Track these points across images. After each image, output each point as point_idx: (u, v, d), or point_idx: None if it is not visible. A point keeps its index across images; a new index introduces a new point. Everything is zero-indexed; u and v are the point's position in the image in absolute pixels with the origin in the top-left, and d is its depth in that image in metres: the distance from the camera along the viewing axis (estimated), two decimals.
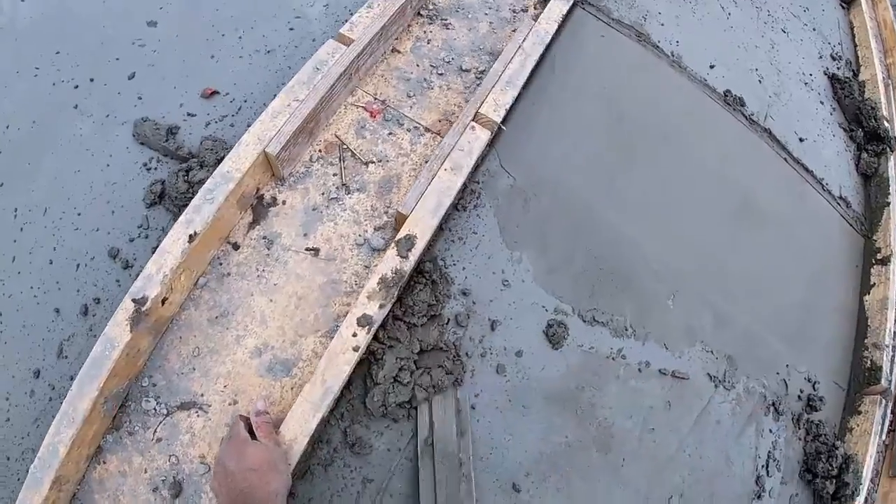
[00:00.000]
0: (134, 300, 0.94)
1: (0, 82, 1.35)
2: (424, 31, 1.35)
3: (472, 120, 1.14)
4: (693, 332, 1.27)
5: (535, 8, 1.44)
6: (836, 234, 1.58)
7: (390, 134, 1.21)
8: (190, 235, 0.97)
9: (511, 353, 1.12)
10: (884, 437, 1.38)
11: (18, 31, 1.39)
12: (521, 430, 1.10)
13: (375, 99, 1.24)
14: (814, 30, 1.84)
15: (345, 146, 1.18)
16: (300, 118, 1.06)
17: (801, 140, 1.60)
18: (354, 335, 0.95)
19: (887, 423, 1.41)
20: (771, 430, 1.33)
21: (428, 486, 1.00)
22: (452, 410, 1.05)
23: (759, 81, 1.59)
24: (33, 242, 1.18)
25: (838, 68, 1.78)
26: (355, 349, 0.94)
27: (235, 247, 1.09)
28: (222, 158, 1.05)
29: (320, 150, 1.18)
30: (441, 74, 1.30)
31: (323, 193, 1.14)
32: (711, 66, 1.53)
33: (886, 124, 1.66)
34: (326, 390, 0.92)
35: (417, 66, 1.30)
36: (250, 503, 0.78)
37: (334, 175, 1.16)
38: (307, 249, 1.10)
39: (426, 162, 1.14)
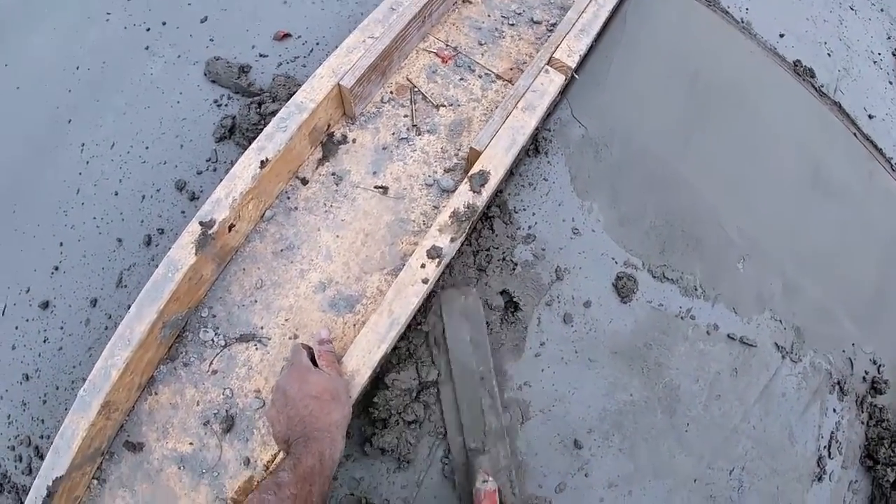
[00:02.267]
0: (201, 223, 0.93)
1: (70, 28, 1.36)
2: None
3: (547, 64, 1.12)
4: (762, 299, 1.23)
5: None
6: None
7: (461, 79, 1.19)
8: (262, 161, 0.96)
9: (579, 304, 1.08)
10: None
11: None
12: (585, 384, 1.06)
13: (447, 45, 1.22)
14: (881, 10, 1.78)
15: (416, 89, 1.16)
16: (374, 54, 1.05)
17: (870, 117, 1.54)
18: (423, 266, 0.92)
19: None
20: (835, 410, 1.28)
21: (450, 405, 0.97)
22: (466, 325, 1.01)
23: (829, 55, 1.54)
24: (99, 175, 1.19)
25: None
26: (424, 281, 0.92)
27: (304, 182, 1.08)
28: (294, 94, 1.04)
29: (391, 92, 1.16)
30: (512, 25, 1.27)
31: (393, 133, 1.13)
32: (781, 35, 1.48)
33: None
34: (393, 321, 0.90)
35: (489, 16, 1.28)
36: (309, 431, 0.75)
37: (405, 116, 1.14)
38: (376, 187, 1.08)
39: (498, 105, 1.12)
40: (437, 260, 0.92)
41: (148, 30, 1.28)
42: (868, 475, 1.31)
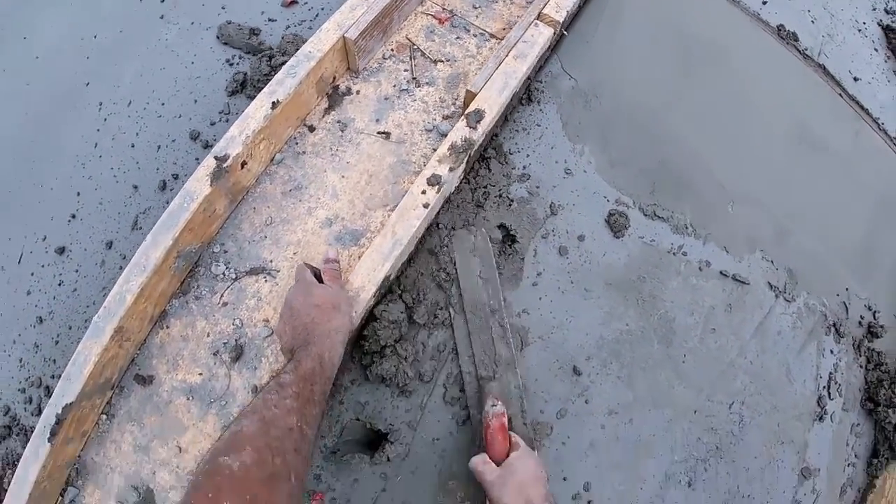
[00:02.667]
0: (216, 157, 0.99)
1: (86, 2, 1.44)
2: None
3: (536, 18, 1.19)
4: (753, 241, 1.27)
5: None
6: (895, 172, 1.55)
7: (457, 38, 1.28)
8: (273, 102, 1.03)
9: (573, 237, 1.13)
10: None
11: None
12: (582, 313, 1.10)
13: (443, 9, 1.31)
14: None
15: (415, 46, 1.24)
16: (376, 10, 1.13)
17: (855, 79, 1.59)
18: (424, 192, 0.99)
19: None
20: (832, 352, 1.30)
21: (463, 337, 1.02)
22: (476, 261, 1.06)
23: (812, 22, 1.61)
24: (116, 129, 1.25)
25: (893, 21, 1.78)
26: (425, 206, 0.98)
27: (311, 129, 1.15)
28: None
29: (392, 50, 1.24)
30: None
31: (394, 86, 1.20)
32: (764, 3, 1.56)
33: None
34: (396, 242, 0.96)
35: None
36: (310, 338, 0.79)
37: (405, 70, 1.22)
38: (379, 133, 1.15)
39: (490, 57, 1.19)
40: (437, 187, 0.99)
41: (162, 1, 1.38)
42: (870, 419, 1.32)
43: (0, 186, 1.28)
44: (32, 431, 1.05)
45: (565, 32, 1.26)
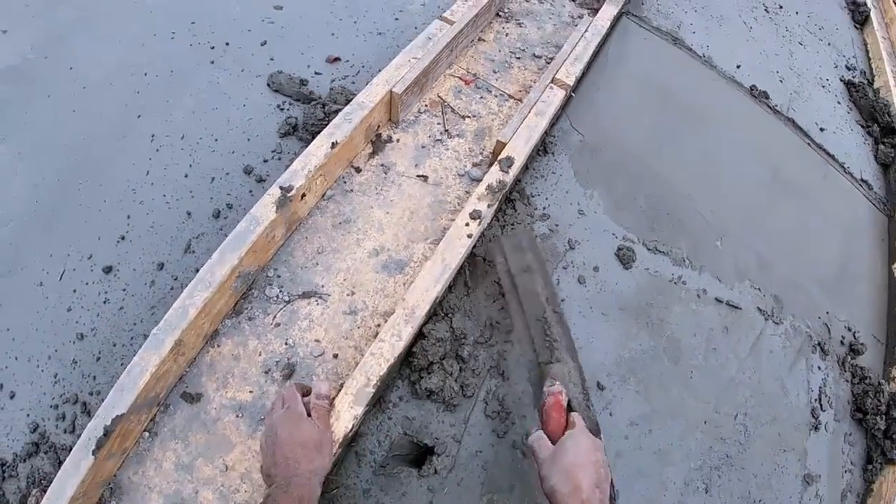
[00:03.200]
0: (281, 187, 1.11)
1: (136, 42, 1.51)
2: (503, 27, 1.65)
3: (551, 82, 1.40)
4: (741, 271, 1.44)
5: (589, 15, 1.75)
6: (862, 210, 1.77)
7: (481, 98, 1.47)
8: (332, 143, 1.18)
9: (589, 268, 1.29)
10: None
11: (150, 5, 1.59)
12: (601, 335, 1.24)
13: (468, 72, 1.51)
14: (829, 44, 2.14)
15: (446, 103, 1.43)
16: (418, 70, 1.32)
17: (821, 130, 1.84)
18: (467, 225, 1.14)
19: None
20: (820, 368, 1.45)
21: (521, 326, 1.11)
22: (526, 255, 1.17)
23: (781, 81, 1.87)
24: (169, 160, 1.31)
25: (853, 77, 2.06)
26: (469, 236, 1.13)
27: (358, 170, 1.31)
28: (350, 101, 1.29)
29: (426, 106, 1.43)
30: (518, 58, 1.58)
31: (429, 136, 1.38)
32: (738, 66, 1.81)
33: None
34: (445, 266, 1.09)
35: (499, 51, 1.59)
36: (290, 475, 0.80)
37: (438, 124, 1.40)
38: (418, 176, 1.31)
39: (514, 114, 1.39)
40: (478, 220, 1.14)
41: (212, 48, 1.51)
42: (860, 428, 1.45)
43: (42, 205, 1.29)
44: (63, 449, 1.04)
45: (573, 94, 1.46)
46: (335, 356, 1.10)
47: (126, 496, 0.96)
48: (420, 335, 1.09)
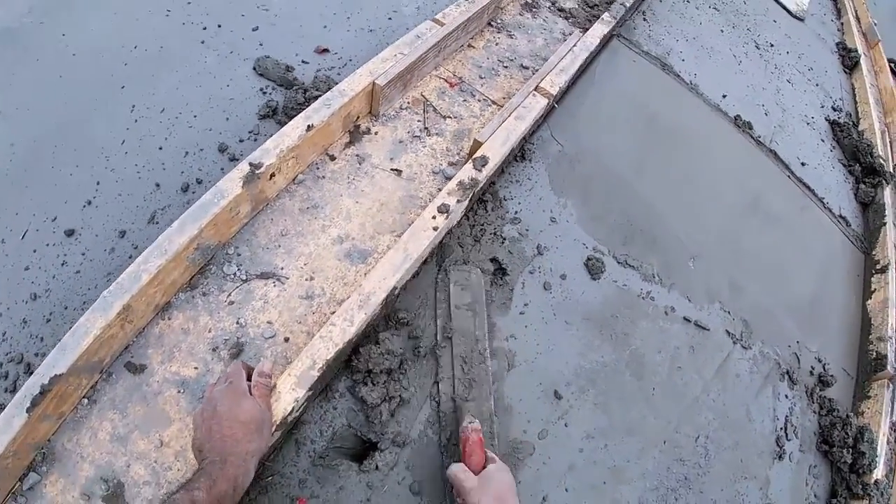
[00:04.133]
0: (251, 164, 1.09)
1: (129, 14, 1.52)
2: (493, 37, 1.67)
3: (534, 90, 1.41)
4: (711, 293, 1.43)
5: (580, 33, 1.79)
6: (838, 245, 1.77)
7: (464, 101, 1.48)
8: (308, 126, 1.17)
9: (556, 275, 1.27)
10: (894, 418, 1.46)
11: None
12: (563, 343, 1.22)
13: (454, 75, 1.52)
14: (817, 85, 2.19)
15: (428, 102, 1.44)
16: (404, 65, 1.33)
17: (802, 164, 1.85)
18: (434, 217, 1.12)
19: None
20: (787, 396, 1.42)
21: (447, 362, 1.10)
22: (468, 294, 1.17)
23: (766, 114, 1.89)
24: (146, 131, 1.30)
25: (838, 117, 2.09)
26: (434, 229, 1.11)
27: (332, 158, 1.30)
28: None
29: (408, 103, 1.44)
30: (506, 67, 1.60)
31: (408, 132, 1.38)
32: (724, 96, 1.83)
33: (882, 161, 1.92)
34: (406, 256, 1.07)
35: (488, 58, 1.61)
36: (227, 455, 0.78)
37: (418, 121, 1.41)
38: (392, 169, 1.31)
39: (495, 117, 1.39)
40: (446, 215, 1.13)
41: (204, 28, 1.52)
42: (826, 460, 1.42)
43: (16, 164, 1.27)
44: (1, 408, 0.96)
45: (556, 105, 1.47)
46: (286, 340, 1.07)
47: (58, 462, 0.93)
48: (371, 338, 1.06)
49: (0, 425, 0.83)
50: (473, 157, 1.23)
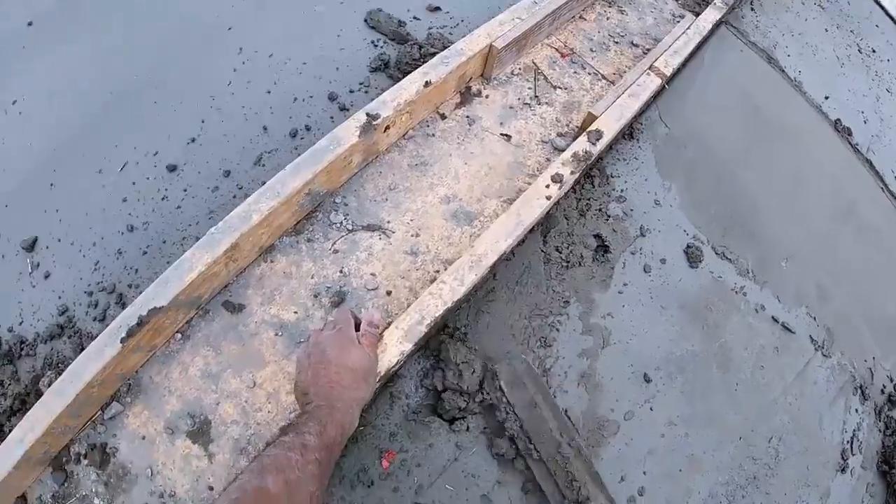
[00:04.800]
0: (368, 114, 1.09)
1: None
2: (605, 11, 1.62)
3: (648, 69, 1.37)
4: (800, 296, 1.41)
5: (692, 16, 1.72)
6: None
7: (575, 73, 1.45)
8: (426, 82, 1.16)
9: (657, 258, 1.26)
10: None
11: None
12: (657, 327, 1.22)
13: (566, 45, 1.48)
14: None
15: (539, 70, 1.41)
16: (521, 30, 1.30)
17: None
18: (548, 186, 1.11)
19: None
20: (857, 411, 1.42)
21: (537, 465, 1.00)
22: (530, 387, 1.05)
23: (864, 122, 1.83)
24: (252, 75, 1.29)
25: None
26: (547, 197, 1.10)
27: (443, 117, 1.29)
28: (447, 48, 1.27)
29: (520, 69, 1.41)
30: (617, 43, 1.55)
31: (518, 98, 1.36)
32: (826, 97, 1.77)
33: None
34: (519, 223, 1.06)
35: (599, 32, 1.56)
36: (333, 399, 0.77)
37: (529, 88, 1.38)
38: (502, 134, 1.29)
39: (605, 95, 1.36)
40: (559, 184, 1.12)
41: None
42: (883, 480, 1.43)
43: (117, 97, 1.26)
44: (87, 336, 0.99)
45: (666, 86, 1.43)
46: (388, 293, 1.09)
47: (143, 394, 0.93)
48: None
49: (91, 353, 0.82)
50: (587, 130, 1.21)
